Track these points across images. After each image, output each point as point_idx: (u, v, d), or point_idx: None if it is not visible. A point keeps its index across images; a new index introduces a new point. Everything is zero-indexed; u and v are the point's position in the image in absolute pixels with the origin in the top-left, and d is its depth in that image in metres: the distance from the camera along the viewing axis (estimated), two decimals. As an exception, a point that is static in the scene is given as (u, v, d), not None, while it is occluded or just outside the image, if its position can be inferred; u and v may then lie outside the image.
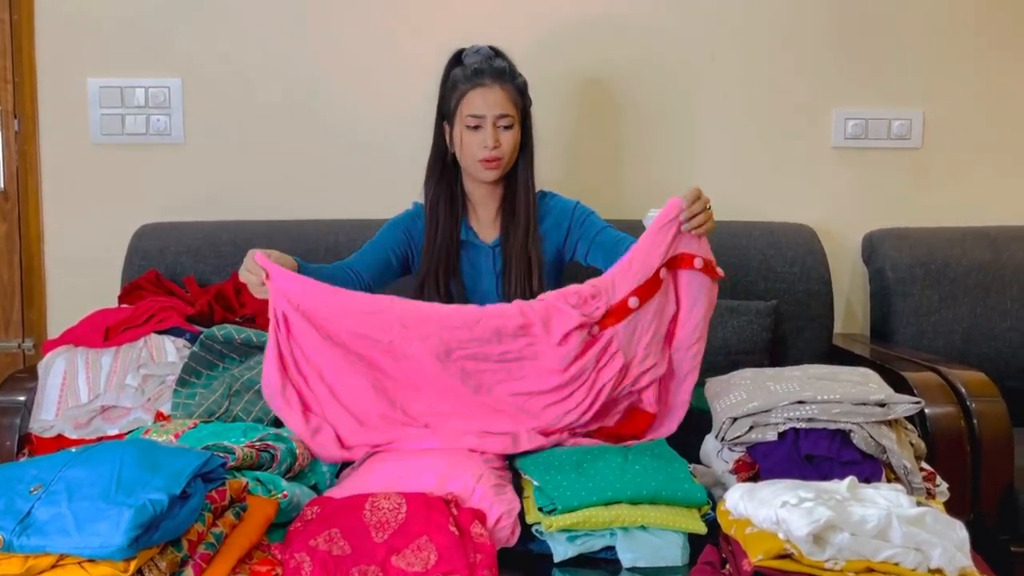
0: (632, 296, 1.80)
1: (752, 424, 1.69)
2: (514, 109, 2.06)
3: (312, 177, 2.70)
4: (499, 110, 2.04)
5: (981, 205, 2.79)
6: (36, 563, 1.25)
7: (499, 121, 2.05)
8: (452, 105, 2.08)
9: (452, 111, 2.08)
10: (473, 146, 2.05)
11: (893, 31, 2.73)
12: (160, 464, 1.34)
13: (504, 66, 2.08)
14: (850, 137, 2.76)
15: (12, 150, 2.62)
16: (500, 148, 2.05)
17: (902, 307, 2.59)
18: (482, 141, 2.04)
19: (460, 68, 2.09)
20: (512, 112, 2.06)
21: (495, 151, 2.05)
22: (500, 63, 2.08)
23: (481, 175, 2.08)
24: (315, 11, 2.65)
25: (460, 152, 2.09)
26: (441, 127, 2.13)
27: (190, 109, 2.65)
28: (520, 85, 2.10)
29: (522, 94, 2.10)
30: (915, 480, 1.65)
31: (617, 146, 2.74)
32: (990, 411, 2.09)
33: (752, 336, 2.42)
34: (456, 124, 2.07)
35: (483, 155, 2.05)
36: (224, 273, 2.43)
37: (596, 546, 1.57)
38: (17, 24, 2.58)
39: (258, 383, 1.98)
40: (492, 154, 2.05)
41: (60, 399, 2.00)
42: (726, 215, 2.67)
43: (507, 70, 2.08)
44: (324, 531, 1.48)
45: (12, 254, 2.65)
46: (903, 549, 1.34)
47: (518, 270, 2.07)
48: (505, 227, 2.13)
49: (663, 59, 2.71)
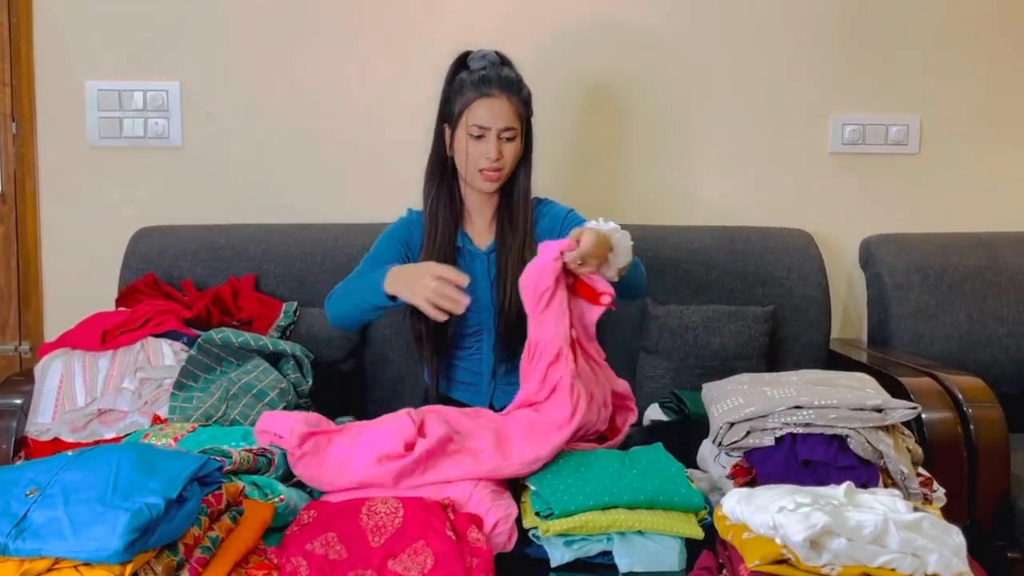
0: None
1: (749, 429, 1.69)
2: (518, 121, 2.06)
3: (310, 181, 2.70)
4: (504, 122, 2.03)
5: (978, 210, 2.79)
6: (32, 567, 1.24)
7: (503, 133, 2.04)
8: (456, 110, 2.06)
9: (456, 116, 2.06)
10: (475, 156, 2.04)
11: (890, 37, 2.74)
12: (156, 468, 1.34)
13: (512, 76, 2.07)
14: (847, 143, 2.76)
15: (10, 153, 2.62)
16: (502, 160, 2.04)
17: (899, 312, 2.60)
18: (485, 152, 2.03)
19: (467, 72, 2.07)
20: (516, 124, 2.05)
21: (497, 163, 2.04)
22: (508, 73, 2.07)
23: (481, 186, 2.08)
24: (313, 15, 2.65)
25: (460, 159, 2.08)
26: (441, 129, 2.12)
27: (188, 113, 2.65)
28: (525, 97, 2.08)
29: (526, 106, 2.09)
30: (912, 485, 1.65)
31: (616, 151, 2.74)
32: (987, 416, 2.09)
33: (749, 341, 2.42)
34: (459, 130, 2.06)
35: (484, 165, 2.04)
36: (221, 277, 2.43)
37: (593, 551, 1.57)
38: (15, 27, 2.58)
39: (255, 387, 1.98)
40: (494, 165, 2.04)
41: (57, 402, 2.00)
42: (723, 220, 2.69)
43: (514, 81, 2.06)
44: (321, 535, 1.48)
45: (9, 257, 2.64)
46: (900, 555, 1.34)
47: (513, 277, 2.07)
48: (501, 234, 2.12)
49: (661, 65, 2.71)
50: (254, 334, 2.11)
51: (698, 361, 2.39)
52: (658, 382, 2.41)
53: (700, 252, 2.54)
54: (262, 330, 2.26)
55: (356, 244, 2.47)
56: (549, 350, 1.79)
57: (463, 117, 2.04)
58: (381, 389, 2.44)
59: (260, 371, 2.03)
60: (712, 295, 2.51)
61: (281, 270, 2.46)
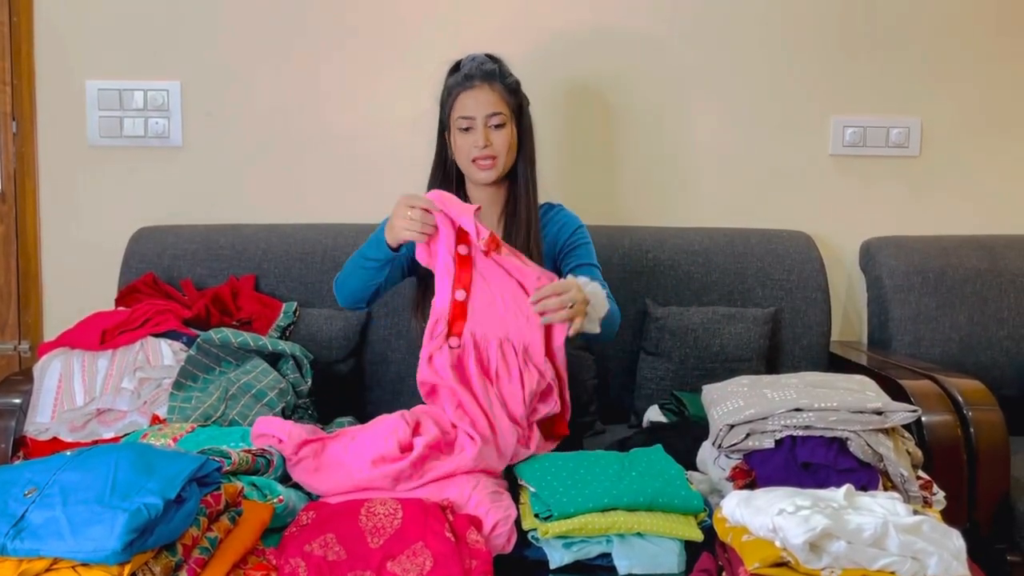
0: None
1: (749, 431, 1.69)
2: (505, 107, 2.06)
3: (309, 181, 2.69)
4: (488, 109, 2.04)
5: (979, 213, 2.79)
6: (30, 567, 1.24)
7: (490, 120, 2.04)
8: (447, 111, 2.08)
9: (447, 117, 2.09)
10: (466, 147, 2.05)
11: (891, 39, 2.74)
12: (155, 468, 1.34)
13: (493, 68, 2.08)
14: (848, 145, 2.76)
15: (10, 152, 2.62)
16: (492, 147, 2.04)
17: (899, 315, 2.59)
18: (474, 142, 2.04)
19: (455, 76, 2.10)
20: (503, 110, 2.05)
21: (487, 150, 2.04)
22: (490, 66, 2.08)
23: (477, 176, 2.08)
24: (313, 16, 2.65)
25: (457, 157, 2.09)
26: (443, 137, 2.13)
27: (188, 112, 2.65)
28: (511, 84, 2.09)
29: (514, 92, 2.09)
30: (912, 488, 1.64)
31: (616, 153, 2.74)
32: (987, 419, 2.09)
33: (749, 343, 2.42)
34: (452, 129, 2.08)
35: (476, 155, 2.05)
36: (221, 276, 2.43)
37: (592, 553, 1.57)
38: (16, 26, 2.58)
39: (254, 387, 1.98)
40: (484, 152, 2.04)
41: (56, 402, 2.00)
42: (724, 222, 2.69)
43: (496, 71, 2.08)
44: (319, 536, 1.48)
45: (9, 256, 2.64)
46: (899, 558, 1.34)
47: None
48: (508, 229, 2.12)
49: (662, 67, 2.71)
50: (253, 334, 2.11)
51: (698, 363, 2.39)
52: (658, 383, 2.41)
53: (700, 254, 2.54)
54: (262, 330, 2.25)
55: (356, 244, 2.44)
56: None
57: (452, 115, 2.07)
58: (381, 389, 2.43)
59: (259, 371, 2.03)
60: (712, 297, 2.51)
61: (281, 270, 2.46)
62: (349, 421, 2.10)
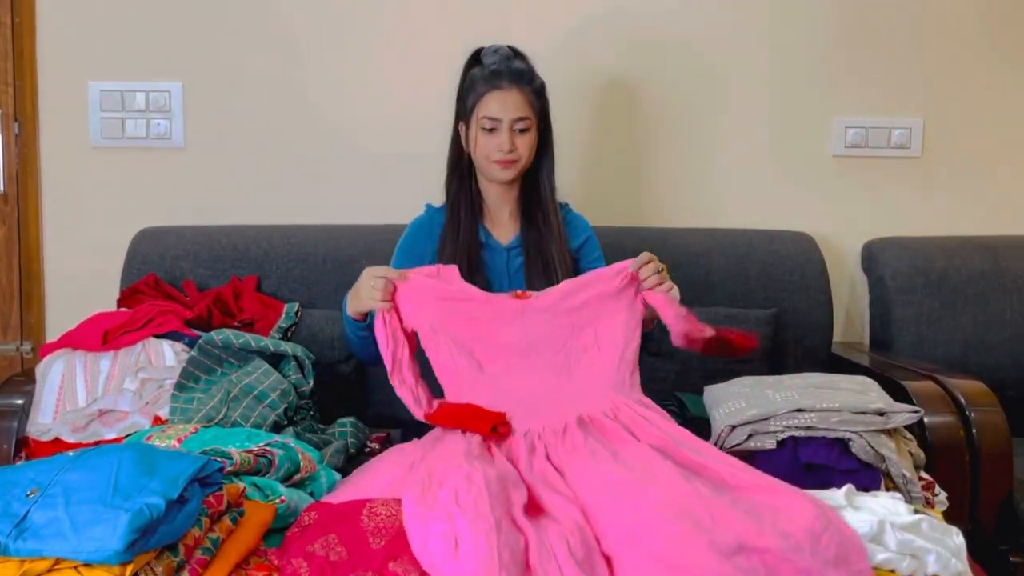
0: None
1: (751, 432, 1.69)
2: (531, 112, 2.05)
3: (312, 182, 2.69)
4: (516, 113, 2.03)
5: (981, 214, 2.79)
6: (32, 567, 1.24)
7: (516, 124, 2.03)
8: (469, 105, 2.06)
9: (468, 111, 2.06)
10: (488, 148, 2.04)
11: (894, 40, 2.73)
12: (157, 468, 1.34)
13: (523, 68, 2.06)
14: (850, 145, 2.76)
15: (12, 153, 2.62)
16: (516, 151, 2.04)
17: (902, 316, 2.59)
18: (498, 145, 2.03)
19: (479, 68, 2.07)
20: (529, 115, 2.04)
21: (511, 155, 2.03)
22: (519, 64, 2.06)
23: (496, 175, 2.07)
24: (317, 15, 2.65)
25: (475, 153, 2.07)
26: (457, 126, 2.12)
27: (191, 113, 2.65)
28: (538, 88, 2.08)
29: (540, 96, 2.08)
30: (914, 489, 1.64)
31: (616, 155, 2.74)
32: (989, 421, 2.09)
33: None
34: (472, 125, 2.06)
35: (498, 158, 2.04)
36: (223, 277, 2.43)
37: (594, 553, 1.56)
38: (18, 27, 2.59)
39: (256, 388, 1.98)
40: (508, 157, 2.04)
41: (58, 402, 2.00)
42: (726, 223, 2.69)
43: (525, 72, 2.06)
44: (321, 537, 1.48)
45: (11, 257, 2.65)
46: (898, 555, 1.34)
47: (541, 272, 2.05)
48: (525, 227, 2.11)
49: (663, 69, 2.70)
50: (255, 335, 2.11)
51: (700, 364, 2.39)
52: (660, 384, 2.40)
53: (702, 255, 2.54)
54: (264, 331, 2.25)
55: (358, 245, 2.47)
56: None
57: (475, 112, 2.04)
58: (382, 390, 2.42)
59: (261, 372, 2.03)
60: (714, 298, 2.50)
61: (283, 271, 2.46)
62: (351, 422, 2.10)
